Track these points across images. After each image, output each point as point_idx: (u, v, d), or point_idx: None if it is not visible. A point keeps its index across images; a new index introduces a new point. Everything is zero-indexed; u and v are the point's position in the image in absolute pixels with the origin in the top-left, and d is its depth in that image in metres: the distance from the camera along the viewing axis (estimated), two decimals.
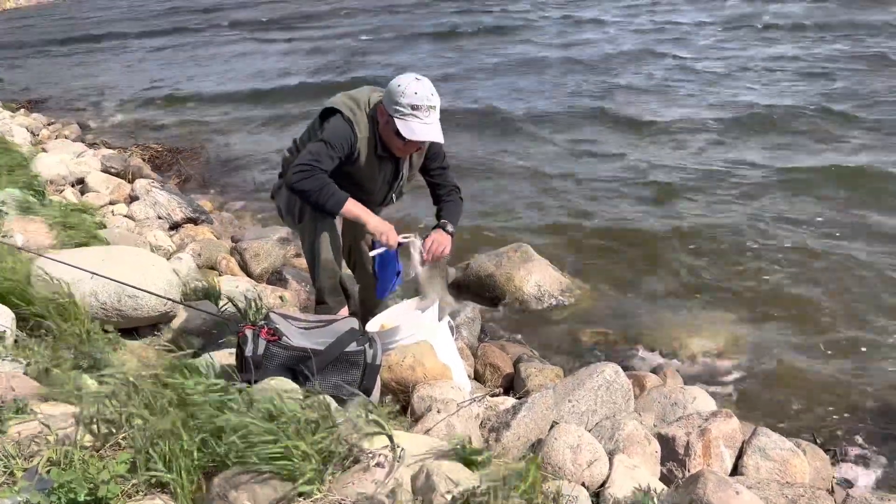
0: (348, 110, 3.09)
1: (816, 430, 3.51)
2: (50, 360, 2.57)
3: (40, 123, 10.34)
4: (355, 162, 3.14)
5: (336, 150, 3.03)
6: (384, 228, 3.14)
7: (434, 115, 3.02)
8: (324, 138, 3.04)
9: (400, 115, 2.97)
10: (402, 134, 2.98)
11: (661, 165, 7.55)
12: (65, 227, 4.19)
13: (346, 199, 3.04)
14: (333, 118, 3.10)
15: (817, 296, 4.77)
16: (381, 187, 3.32)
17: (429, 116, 2.99)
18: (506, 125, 9.44)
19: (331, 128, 3.08)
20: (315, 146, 3.04)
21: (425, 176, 3.46)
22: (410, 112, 2.95)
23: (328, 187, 3.00)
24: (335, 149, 3.03)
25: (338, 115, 3.09)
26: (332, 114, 3.12)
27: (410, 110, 2.95)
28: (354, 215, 3.10)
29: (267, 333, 2.53)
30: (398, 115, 2.97)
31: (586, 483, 2.34)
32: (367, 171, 3.20)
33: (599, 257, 5.58)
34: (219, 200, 7.42)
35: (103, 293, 3.17)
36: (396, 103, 2.97)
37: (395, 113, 2.98)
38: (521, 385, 3.68)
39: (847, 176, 6.79)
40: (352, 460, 1.95)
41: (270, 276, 4.94)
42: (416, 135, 2.98)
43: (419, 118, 2.97)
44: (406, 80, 3.00)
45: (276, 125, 10.39)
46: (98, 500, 1.78)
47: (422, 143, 3.13)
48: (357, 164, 3.15)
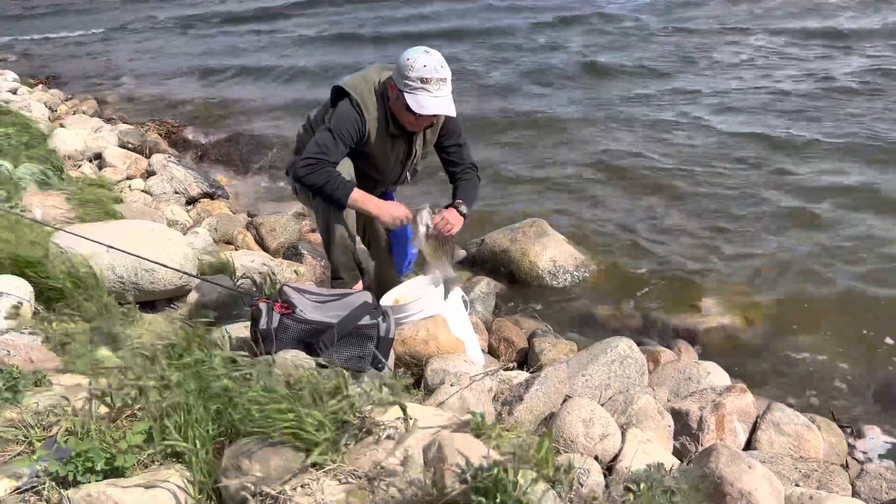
0: (357, 92, 3.06)
1: (831, 406, 3.49)
2: (68, 333, 2.61)
3: (58, 99, 10.39)
4: (367, 143, 3.12)
5: (344, 137, 3.02)
6: (396, 214, 3.09)
7: (445, 88, 2.97)
8: (331, 127, 3.03)
9: (409, 89, 2.93)
10: (411, 108, 2.94)
11: (676, 140, 7.48)
12: (82, 202, 4.22)
13: (353, 191, 3.02)
14: (342, 103, 3.08)
15: (834, 272, 4.73)
16: (395, 166, 3.30)
17: (439, 89, 2.94)
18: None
19: (338, 114, 3.06)
20: (322, 136, 3.03)
21: (440, 154, 3.41)
22: (420, 86, 2.91)
23: (334, 181, 2.98)
24: (343, 136, 3.02)
25: (346, 99, 3.07)
26: (341, 95, 3.10)
27: (420, 84, 2.91)
28: (364, 209, 3.07)
29: (281, 307, 2.54)
30: (408, 89, 2.93)
31: (599, 456, 2.34)
32: (379, 151, 3.18)
33: (614, 233, 5.55)
34: (236, 176, 7.44)
35: (120, 267, 3.20)
36: (406, 77, 2.93)
37: (405, 87, 2.94)
38: (535, 360, 3.69)
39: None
40: (365, 431, 1.97)
41: (286, 251, 4.96)
42: (425, 108, 2.93)
43: (429, 91, 2.92)
44: (415, 53, 2.96)
45: (295, 102, 10.36)
46: (115, 469, 1.81)
47: (434, 117, 3.10)
48: (369, 144, 3.13)
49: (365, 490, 1.75)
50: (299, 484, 1.78)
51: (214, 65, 13.29)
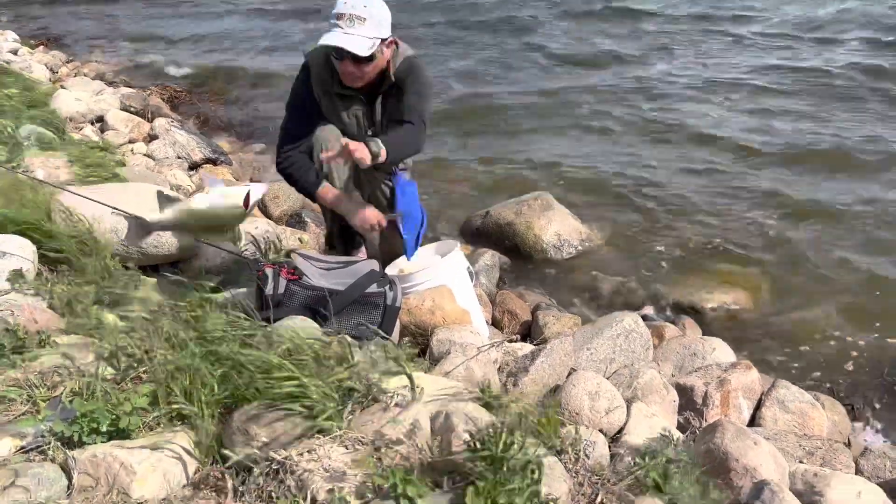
0: (311, 58, 2.99)
1: (836, 384, 3.49)
2: (71, 295, 2.59)
3: (59, 61, 10.27)
4: (319, 111, 3.00)
5: (296, 109, 2.96)
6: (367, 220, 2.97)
7: (361, 28, 2.72)
8: (287, 103, 3.03)
9: (327, 28, 2.76)
10: (321, 42, 2.75)
11: (682, 116, 7.42)
12: (85, 165, 4.18)
13: (320, 186, 2.97)
14: (297, 76, 3.05)
15: (840, 251, 4.71)
16: (356, 130, 3.08)
17: (352, 27, 2.70)
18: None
19: (292, 89, 3.06)
20: (285, 117, 3.04)
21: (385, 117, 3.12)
22: (335, 22, 2.73)
23: (303, 173, 2.95)
24: (295, 109, 2.98)
25: (301, 71, 3.03)
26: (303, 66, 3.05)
27: (336, 20, 2.73)
28: (332, 206, 3.01)
29: (287, 272, 2.52)
30: (326, 28, 2.77)
31: (604, 429, 2.34)
32: (331, 113, 3.02)
33: (620, 207, 5.52)
34: (238, 142, 7.37)
35: (124, 230, 3.17)
36: (328, 19, 2.76)
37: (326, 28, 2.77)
38: (539, 333, 3.68)
39: None
40: (371, 399, 1.96)
41: (290, 219, 4.93)
42: (327, 40, 2.71)
43: (341, 28, 2.71)
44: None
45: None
46: (120, 430, 1.80)
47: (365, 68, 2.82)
48: (321, 112, 3.03)
49: (371, 456, 1.74)
50: (306, 449, 1.77)
51: (218, 30, 13.14)
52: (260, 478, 1.73)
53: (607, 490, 1.96)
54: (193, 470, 1.79)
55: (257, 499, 1.69)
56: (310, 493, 1.65)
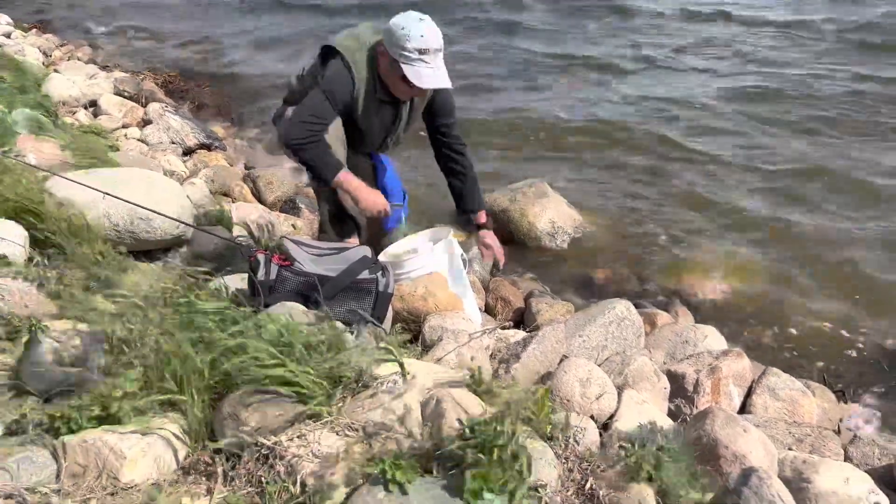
0: (349, 53, 2.93)
1: (826, 372, 3.51)
2: (63, 280, 2.58)
3: (52, 44, 10.20)
4: (354, 106, 3.00)
5: (336, 99, 2.91)
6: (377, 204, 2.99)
7: (440, 59, 2.84)
8: (324, 88, 2.90)
9: (406, 60, 2.78)
10: (411, 80, 2.79)
11: (677, 102, 7.41)
12: (77, 149, 4.15)
13: (339, 172, 2.91)
14: (333, 62, 2.94)
15: (833, 240, 4.72)
16: (379, 132, 3.17)
17: (435, 60, 2.81)
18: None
19: (330, 75, 2.93)
20: (315, 98, 2.90)
21: (433, 134, 3.26)
22: (418, 57, 2.77)
23: (322, 158, 2.89)
24: (335, 99, 2.90)
25: (337, 58, 2.94)
26: (331, 54, 2.97)
27: (418, 55, 2.76)
28: (347, 192, 2.96)
29: (279, 259, 2.51)
30: (404, 59, 2.78)
31: (595, 416, 2.35)
32: (365, 115, 3.06)
33: (614, 195, 5.52)
34: (232, 128, 7.34)
35: (116, 215, 3.16)
36: (402, 48, 2.77)
37: (401, 58, 2.79)
38: (532, 320, 3.69)
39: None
40: (361, 385, 1.96)
41: (283, 205, 4.92)
42: (425, 82, 2.81)
43: (426, 63, 2.78)
44: (410, 21, 2.80)
45: (293, 54, 10.21)
46: (110, 416, 1.79)
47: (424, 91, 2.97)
48: (355, 108, 3.01)
49: (362, 442, 1.75)
50: (295, 435, 1.77)
51: (213, 17, 13.04)
52: (250, 463, 1.73)
53: (597, 476, 1.97)
54: (184, 455, 1.80)
55: (247, 484, 1.69)
56: (299, 478, 1.66)
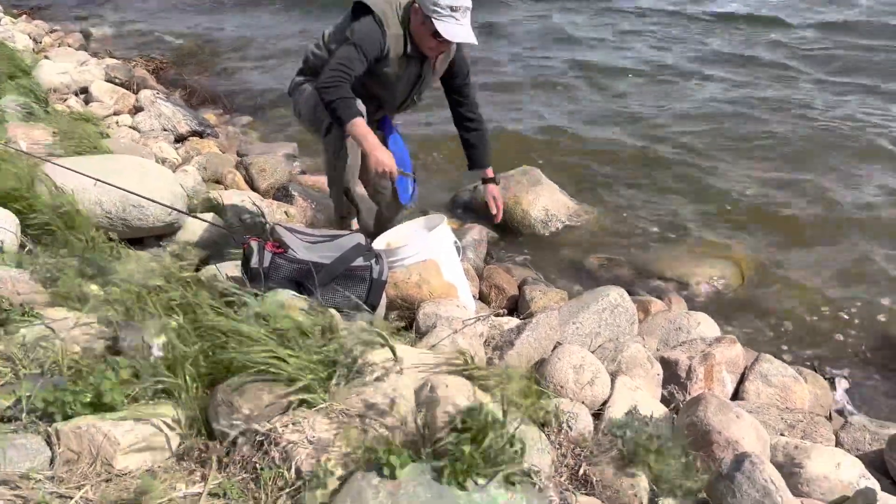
0: (379, 9, 3.05)
1: (818, 358, 3.53)
2: (55, 267, 2.57)
3: (42, 31, 10.10)
4: (384, 62, 3.12)
5: (367, 52, 3.02)
6: (385, 161, 2.99)
7: (468, 17, 3.01)
8: (354, 41, 3.01)
9: (438, 15, 2.94)
10: (442, 34, 2.95)
11: (668, 93, 7.42)
12: (68, 136, 4.13)
13: (356, 119, 2.95)
14: (365, 18, 3.06)
15: (825, 227, 4.74)
16: (404, 88, 3.31)
17: (465, 17, 2.98)
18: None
19: (361, 29, 3.04)
20: (346, 51, 3.02)
21: (450, 93, 3.45)
22: (449, 13, 2.94)
23: (345, 101, 2.95)
24: (365, 52, 3.02)
25: (369, 15, 3.05)
26: (363, 11, 3.07)
27: (450, 11, 2.93)
28: (359, 141, 2.99)
29: (272, 246, 2.51)
30: (436, 15, 2.95)
31: (587, 402, 2.35)
32: (393, 71, 3.18)
33: (607, 183, 5.52)
34: (224, 114, 7.30)
35: (108, 202, 3.15)
36: (435, 4, 2.93)
37: (433, 13, 2.95)
38: (526, 307, 3.69)
39: None
40: (355, 372, 1.96)
41: (276, 192, 4.90)
42: (456, 36, 2.97)
43: (456, 19, 2.95)
44: None
45: (288, 41, 10.15)
46: (104, 403, 1.79)
47: (450, 46, 3.13)
48: (385, 63, 3.13)
49: (356, 428, 1.75)
50: (290, 421, 1.78)
51: (205, 3, 12.93)
52: (244, 449, 1.73)
53: (591, 462, 1.98)
54: (177, 442, 1.79)
55: (241, 470, 1.70)
56: (294, 463, 1.66)
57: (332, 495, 1.61)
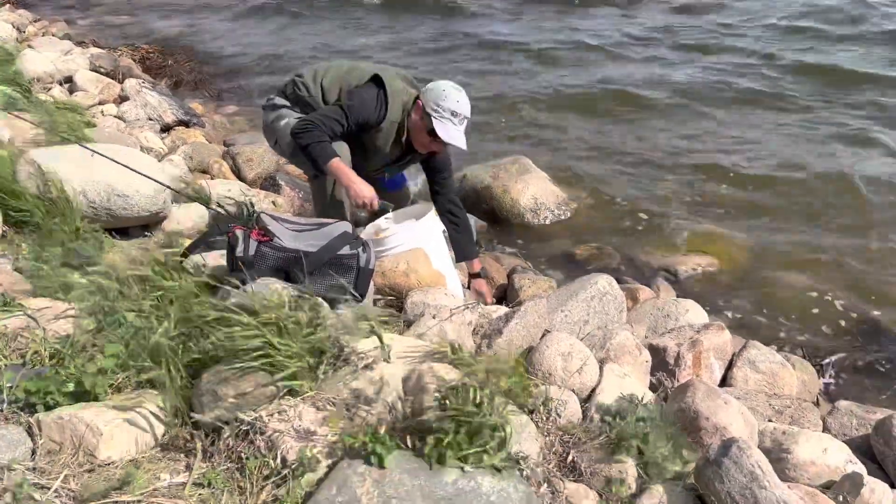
0: (392, 92, 3.16)
1: (806, 345, 3.54)
2: (38, 257, 2.54)
3: (26, 20, 9.97)
4: (374, 135, 3.21)
5: (350, 121, 3.12)
6: (364, 194, 3.07)
7: (464, 126, 3.17)
8: (349, 106, 3.12)
9: (439, 116, 3.09)
10: (438, 133, 3.08)
11: (656, 84, 7.42)
12: (52, 125, 4.08)
13: (333, 160, 3.06)
14: (371, 89, 3.16)
15: (811, 214, 4.76)
16: (380, 163, 3.38)
17: (462, 125, 3.15)
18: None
19: (361, 100, 3.15)
20: (333, 111, 3.13)
21: (430, 179, 3.52)
22: (449, 117, 3.09)
23: (320, 145, 3.06)
24: (349, 119, 3.11)
25: (379, 91, 3.15)
26: (379, 85, 3.16)
27: (450, 115, 3.09)
28: (338, 174, 3.08)
29: (258, 234, 2.48)
30: (437, 115, 3.09)
31: (576, 389, 2.35)
32: (379, 146, 3.26)
33: (596, 172, 5.51)
34: (210, 103, 7.24)
35: (92, 191, 3.11)
36: (438, 105, 3.09)
37: (435, 113, 3.09)
38: (515, 296, 3.68)
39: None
40: (342, 360, 1.95)
41: (264, 182, 4.87)
42: (452, 139, 3.10)
43: (455, 125, 3.11)
44: (449, 87, 3.15)
45: (272, 29, 10.08)
46: (87, 392, 1.77)
47: (443, 146, 3.23)
48: (376, 137, 3.22)
49: (343, 416, 1.74)
50: (276, 410, 1.76)
51: None
52: (230, 439, 1.72)
53: (579, 449, 1.97)
54: (162, 432, 1.78)
55: (227, 459, 1.68)
56: (280, 452, 1.65)
57: (318, 483, 1.60)
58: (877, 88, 7.09)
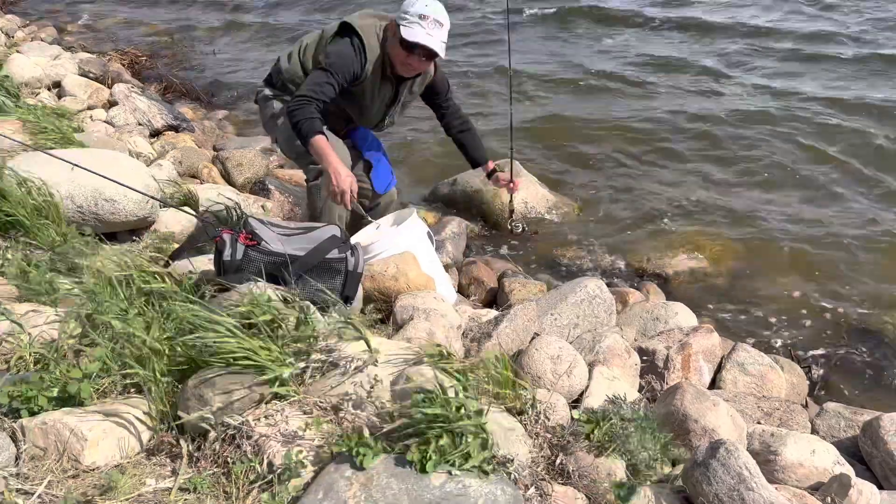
0: (364, 32, 3.06)
1: (795, 347, 3.55)
2: (24, 262, 2.52)
3: (15, 25, 9.93)
4: (361, 83, 3.12)
5: (338, 76, 3.02)
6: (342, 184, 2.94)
7: (439, 32, 3.00)
8: (329, 64, 3.02)
9: (406, 22, 2.95)
10: (404, 36, 2.94)
11: (648, 85, 7.44)
12: (40, 130, 4.06)
13: (318, 135, 2.94)
14: (342, 41, 3.07)
15: (802, 218, 4.78)
16: (379, 109, 3.31)
17: (434, 30, 2.97)
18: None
19: (337, 52, 3.05)
20: (317, 76, 3.03)
21: (437, 110, 3.52)
22: (417, 20, 2.94)
23: (308, 120, 2.95)
24: (338, 75, 3.02)
25: (347, 38, 3.06)
26: (346, 31, 3.08)
27: (417, 19, 2.94)
28: (318, 157, 2.99)
29: (246, 238, 2.47)
30: (404, 21, 2.96)
31: (564, 393, 2.35)
32: (369, 92, 3.19)
33: (586, 175, 5.52)
34: (200, 108, 7.22)
35: (80, 196, 3.10)
36: (405, 12, 2.97)
37: (401, 20, 2.97)
38: (505, 299, 3.68)
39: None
40: (330, 364, 1.94)
41: (253, 186, 4.86)
42: (417, 37, 2.94)
43: (423, 27, 2.95)
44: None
45: (262, 33, 10.07)
46: (71, 397, 1.76)
47: (425, 63, 3.10)
48: (363, 84, 3.13)
49: (330, 421, 1.73)
50: (263, 415, 1.75)
51: None
52: (216, 443, 1.71)
53: (567, 452, 1.97)
54: (148, 437, 1.77)
55: (213, 464, 1.67)
56: (266, 457, 1.64)
57: (304, 488, 1.59)
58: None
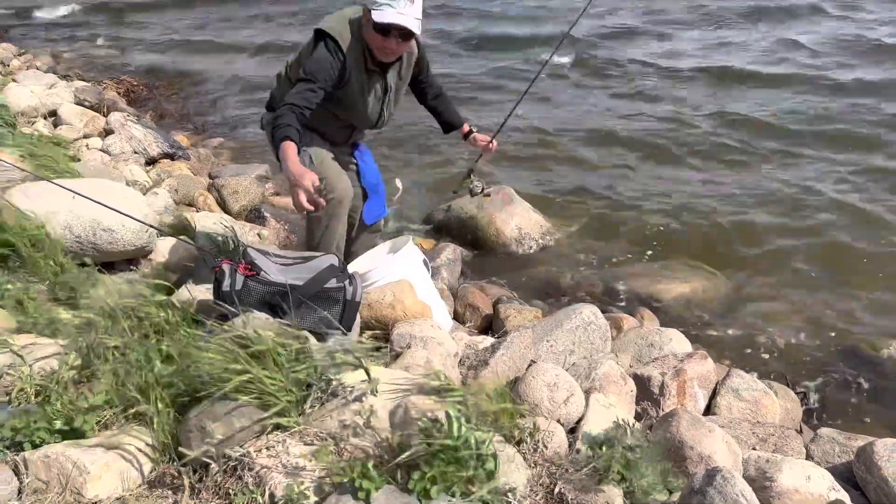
0: (335, 32, 3.02)
1: (788, 373, 3.58)
2: (23, 293, 2.53)
3: (10, 53, 9.99)
4: (346, 83, 3.09)
5: (319, 81, 2.97)
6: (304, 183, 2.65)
7: (411, 9, 2.93)
8: (308, 72, 2.97)
9: (376, 5, 2.91)
10: (376, 20, 2.90)
11: (640, 117, 7.53)
12: (37, 160, 4.08)
13: (287, 142, 2.80)
14: (318, 47, 3.03)
15: (796, 244, 4.83)
16: (374, 105, 3.27)
17: (405, 7, 2.91)
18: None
19: (314, 59, 3.00)
20: (299, 85, 2.97)
21: (416, 87, 3.49)
22: (386, 2, 2.89)
23: (284, 125, 2.86)
24: (318, 81, 2.97)
25: (321, 42, 3.02)
26: (320, 37, 3.04)
27: (387, 1, 2.88)
28: (282, 158, 2.79)
29: (245, 268, 2.49)
30: (374, 5, 2.91)
31: (562, 420, 2.36)
32: (357, 90, 3.15)
33: (580, 202, 5.57)
34: (196, 136, 7.26)
35: (78, 226, 3.11)
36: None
37: (372, 5, 2.91)
38: (500, 326, 3.70)
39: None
40: (330, 394, 1.95)
41: (249, 214, 4.88)
42: (388, 17, 2.88)
43: (393, 7, 2.89)
44: None
45: (257, 61, 10.15)
46: (74, 430, 1.77)
47: (404, 46, 3.05)
48: (349, 84, 3.10)
49: (331, 451, 1.74)
50: (264, 446, 1.77)
51: (177, 26, 12.89)
52: (218, 475, 1.72)
53: (565, 480, 1.99)
54: (149, 469, 1.77)
55: (214, 496, 1.68)
56: (268, 489, 1.65)
57: None
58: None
